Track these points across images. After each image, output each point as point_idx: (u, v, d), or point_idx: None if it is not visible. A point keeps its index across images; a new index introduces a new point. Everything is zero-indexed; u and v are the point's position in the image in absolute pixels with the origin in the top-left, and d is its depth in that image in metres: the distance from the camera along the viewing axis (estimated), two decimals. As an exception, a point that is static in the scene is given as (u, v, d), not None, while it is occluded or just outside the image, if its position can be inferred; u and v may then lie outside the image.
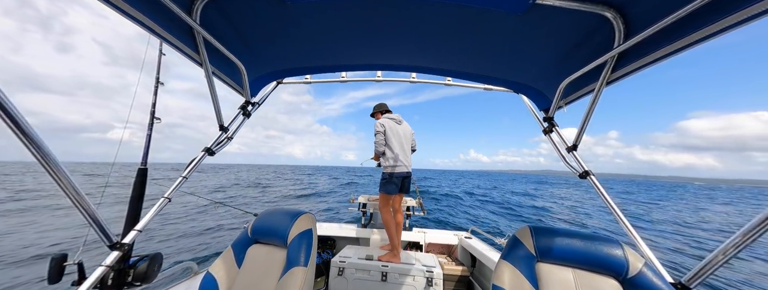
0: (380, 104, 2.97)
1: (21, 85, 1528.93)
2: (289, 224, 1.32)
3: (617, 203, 1.35)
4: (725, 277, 5.39)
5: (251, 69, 1.69)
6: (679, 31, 0.92)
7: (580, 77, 1.37)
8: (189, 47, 1.24)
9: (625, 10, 1.02)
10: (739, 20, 0.78)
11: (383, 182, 2.62)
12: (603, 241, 1.14)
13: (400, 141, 2.67)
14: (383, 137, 2.64)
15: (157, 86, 1.74)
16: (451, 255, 2.96)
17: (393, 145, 2.63)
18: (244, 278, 1.29)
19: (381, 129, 2.65)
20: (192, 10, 1.11)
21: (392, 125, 2.70)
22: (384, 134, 2.65)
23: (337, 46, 1.53)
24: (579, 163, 1.56)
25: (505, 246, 1.26)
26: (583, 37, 1.21)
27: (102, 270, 1.01)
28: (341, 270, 2.27)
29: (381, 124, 2.68)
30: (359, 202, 3.45)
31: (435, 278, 2.15)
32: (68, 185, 0.87)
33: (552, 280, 1.12)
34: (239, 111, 1.83)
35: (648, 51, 1.06)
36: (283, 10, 1.20)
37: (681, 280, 1.04)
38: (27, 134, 0.74)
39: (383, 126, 2.66)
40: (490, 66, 1.65)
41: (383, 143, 2.64)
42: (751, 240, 0.86)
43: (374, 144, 2.66)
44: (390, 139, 2.64)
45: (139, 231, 1.18)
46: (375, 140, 2.65)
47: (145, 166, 1.58)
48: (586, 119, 1.44)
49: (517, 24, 1.17)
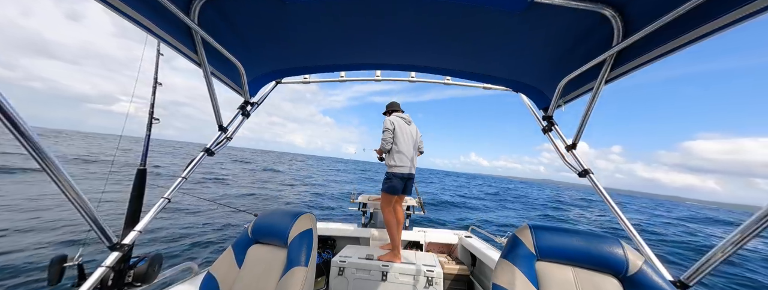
0: (393, 103, 2.95)
1: (28, 50, 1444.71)
2: (290, 224, 1.32)
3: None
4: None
5: (250, 69, 1.68)
6: (678, 29, 0.92)
7: (579, 76, 1.37)
8: (187, 47, 1.24)
9: (624, 9, 1.02)
10: (737, 18, 0.78)
11: (386, 181, 2.61)
12: (603, 239, 1.14)
13: (407, 142, 2.66)
14: (392, 135, 2.62)
15: (155, 86, 1.73)
16: (452, 255, 2.96)
17: (400, 144, 2.62)
18: (245, 278, 1.29)
19: (390, 127, 2.63)
20: (190, 10, 1.10)
21: (402, 125, 2.68)
22: (393, 133, 2.63)
23: (335, 45, 1.53)
24: (578, 162, 1.56)
25: (505, 245, 1.26)
26: (581, 36, 1.21)
27: (102, 271, 1.01)
28: (342, 270, 2.27)
29: (391, 122, 2.66)
30: (359, 202, 3.45)
31: (435, 277, 2.15)
32: (68, 186, 0.86)
33: (552, 279, 1.12)
34: (238, 111, 1.82)
35: (646, 49, 1.06)
36: (282, 9, 1.19)
37: (680, 278, 1.05)
38: (26, 136, 0.74)
39: (393, 124, 2.64)
40: (488, 65, 1.65)
41: (390, 141, 2.62)
42: (749, 238, 0.86)
43: (381, 140, 2.65)
44: (398, 138, 2.62)
45: (139, 231, 1.18)
46: (383, 136, 2.64)
47: (143, 167, 1.58)
48: (585, 117, 1.44)
49: (516, 23, 1.17)
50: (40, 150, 0.77)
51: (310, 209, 8.87)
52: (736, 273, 6.15)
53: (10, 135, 0.72)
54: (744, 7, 0.75)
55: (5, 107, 0.68)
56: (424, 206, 3.50)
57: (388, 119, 2.70)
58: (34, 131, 0.75)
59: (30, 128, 0.74)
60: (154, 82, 1.72)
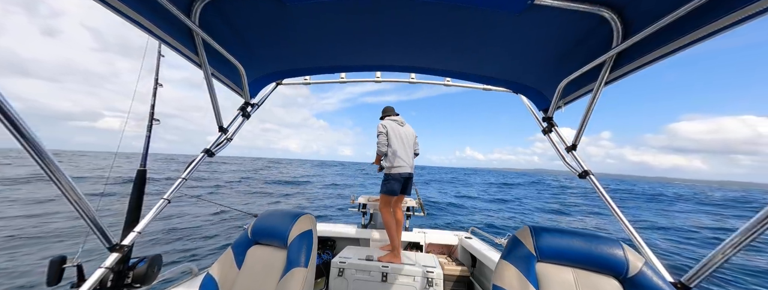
0: (387, 108, 3.00)
1: (3, 69, 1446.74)
2: (289, 225, 1.32)
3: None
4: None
5: (250, 70, 1.68)
6: (678, 30, 0.92)
7: (578, 77, 1.37)
8: (188, 49, 1.24)
9: (624, 10, 1.02)
10: (736, 20, 0.78)
11: (385, 182, 2.62)
12: (603, 241, 1.14)
13: (402, 142, 2.69)
14: (385, 137, 2.66)
15: (155, 87, 1.73)
16: (452, 256, 2.96)
17: (395, 146, 2.64)
18: (244, 279, 1.29)
19: (383, 130, 2.68)
20: (191, 12, 1.10)
21: (395, 127, 2.73)
22: (386, 135, 2.66)
23: (335, 46, 1.53)
24: (578, 163, 1.56)
25: (506, 246, 1.26)
26: (581, 38, 1.21)
27: (101, 272, 1.01)
28: (341, 271, 2.26)
29: (383, 125, 2.71)
30: (359, 203, 3.45)
31: (435, 278, 2.15)
32: (68, 188, 0.87)
33: (552, 280, 1.11)
34: (238, 112, 1.82)
35: (646, 51, 1.06)
36: (282, 11, 1.19)
37: (681, 279, 1.04)
38: (26, 138, 0.74)
39: (385, 127, 2.69)
40: (489, 66, 1.65)
41: (385, 144, 2.65)
42: (750, 239, 0.86)
43: (376, 145, 2.68)
44: (392, 140, 2.65)
45: (138, 232, 1.18)
46: (377, 141, 2.67)
47: (144, 167, 1.58)
48: (585, 118, 1.45)
49: (516, 24, 1.18)
50: (40, 152, 0.77)
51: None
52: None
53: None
54: (743, 9, 0.75)
55: (6, 108, 0.68)
56: (424, 208, 3.50)
57: (380, 123, 2.76)
58: (36, 132, 0.75)
59: (30, 128, 0.75)
60: (154, 83, 1.72)
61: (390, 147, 2.64)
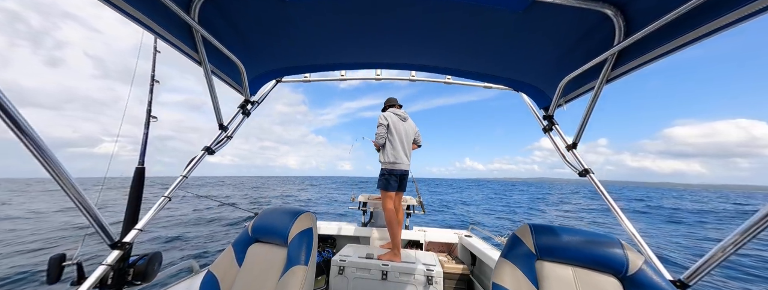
0: (390, 98, 2.94)
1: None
2: (290, 223, 1.32)
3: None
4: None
5: (250, 67, 1.68)
6: (680, 28, 0.92)
7: (580, 75, 1.37)
8: (187, 46, 1.23)
9: (626, 8, 1.01)
10: (738, 18, 0.78)
11: (381, 178, 2.61)
12: (603, 239, 1.15)
13: (401, 138, 2.65)
14: (385, 129, 2.61)
15: (152, 83, 1.72)
16: (452, 254, 2.97)
17: (394, 141, 2.61)
18: (245, 277, 1.29)
19: (384, 122, 2.62)
20: (190, 9, 1.10)
21: (396, 121, 2.67)
22: (387, 128, 2.61)
23: (336, 44, 1.52)
24: (579, 161, 1.56)
25: (505, 244, 1.26)
26: (583, 35, 1.20)
27: (102, 270, 1.01)
28: (342, 269, 2.27)
29: (385, 117, 2.65)
30: (359, 201, 3.45)
31: (435, 276, 2.15)
32: (69, 185, 0.86)
33: (552, 278, 1.12)
34: (238, 110, 1.82)
35: (648, 48, 1.05)
36: (282, 8, 1.19)
37: (680, 278, 1.05)
38: (28, 135, 0.73)
39: (387, 119, 2.63)
40: (489, 64, 1.64)
41: (384, 136, 2.61)
42: (749, 238, 0.86)
43: (375, 135, 2.64)
44: (392, 134, 2.61)
45: (139, 229, 1.18)
46: (376, 131, 2.63)
47: (142, 165, 1.57)
48: (586, 117, 1.44)
49: (517, 22, 1.17)
50: (43, 150, 0.77)
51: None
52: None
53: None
54: (745, 7, 0.75)
55: (7, 107, 0.68)
56: (424, 206, 3.51)
57: (382, 115, 2.69)
58: (37, 131, 0.75)
59: (33, 127, 0.74)
60: (151, 79, 1.71)
61: (389, 142, 2.61)
